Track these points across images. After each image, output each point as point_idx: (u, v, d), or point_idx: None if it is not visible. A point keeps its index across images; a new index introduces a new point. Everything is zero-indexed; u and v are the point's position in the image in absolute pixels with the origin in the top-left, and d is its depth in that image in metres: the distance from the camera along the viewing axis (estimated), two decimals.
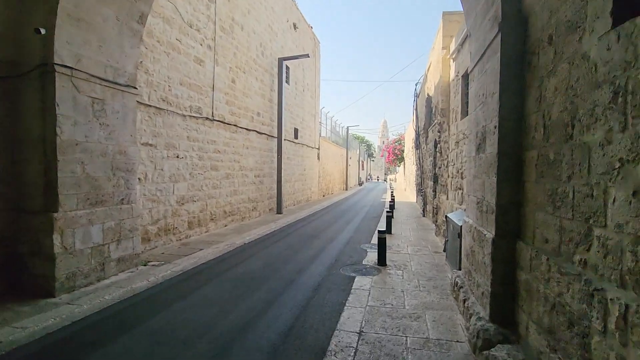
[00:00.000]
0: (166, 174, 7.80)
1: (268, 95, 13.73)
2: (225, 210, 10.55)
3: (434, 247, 7.96)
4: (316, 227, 11.01)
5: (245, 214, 11.90)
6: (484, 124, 3.81)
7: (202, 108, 9.15)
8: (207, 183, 9.46)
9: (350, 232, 10.22)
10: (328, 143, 26.55)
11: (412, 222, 12.03)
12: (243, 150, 11.68)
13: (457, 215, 6.06)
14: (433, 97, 9.88)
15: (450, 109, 7.81)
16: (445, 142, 8.52)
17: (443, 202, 8.51)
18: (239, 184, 11.44)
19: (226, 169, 10.55)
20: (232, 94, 10.83)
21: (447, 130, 8.06)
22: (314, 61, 21.06)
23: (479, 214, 3.95)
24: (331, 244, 8.45)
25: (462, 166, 6.62)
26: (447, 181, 8.12)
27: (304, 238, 9.20)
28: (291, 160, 16.81)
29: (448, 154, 8.10)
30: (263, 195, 13.39)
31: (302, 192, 18.88)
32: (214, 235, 9.23)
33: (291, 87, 16.66)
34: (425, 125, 13.16)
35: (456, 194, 7.06)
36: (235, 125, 11.02)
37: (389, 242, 8.33)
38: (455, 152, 7.23)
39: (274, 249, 7.91)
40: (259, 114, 12.85)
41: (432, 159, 11.54)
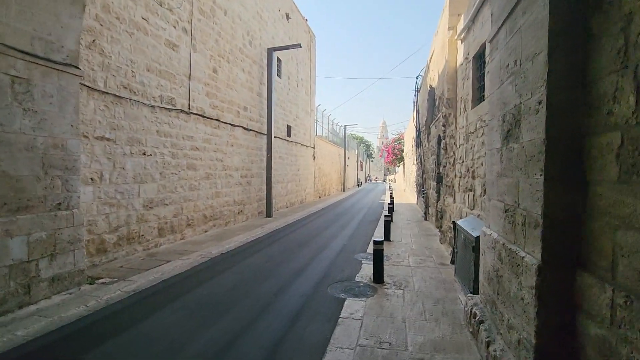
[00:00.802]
0: (129, 173, 6.73)
1: (257, 88, 12.68)
2: (206, 215, 9.49)
3: (439, 256, 6.91)
4: (307, 233, 9.95)
5: (229, 218, 10.83)
6: (516, 102, 2.75)
7: (175, 99, 8.09)
8: (182, 184, 8.40)
9: (344, 238, 9.16)
10: (324, 142, 25.51)
11: (413, 226, 10.97)
12: (227, 148, 10.62)
13: (470, 222, 5.01)
14: (437, 87, 8.84)
15: (458, 98, 6.77)
16: (451, 138, 7.47)
17: (449, 206, 7.46)
18: (223, 185, 10.38)
19: (206, 169, 9.48)
20: (214, 85, 9.77)
21: (454, 124, 7.02)
22: (309, 55, 20.03)
23: (508, 227, 2.89)
24: (321, 253, 7.38)
25: (473, 164, 5.57)
26: (454, 182, 7.08)
27: (291, 246, 8.13)
28: (283, 159, 15.76)
29: (455, 150, 7.05)
30: (251, 197, 12.32)
31: (296, 194, 17.82)
32: (189, 243, 8.16)
33: (283, 81, 15.61)
34: (427, 121, 12.11)
35: (466, 197, 6.00)
36: (217, 120, 9.95)
37: (388, 250, 7.27)
38: (464, 147, 6.19)
39: (254, 260, 6.84)
40: (246, 108, 11.79)
41: (435, 157, 10.49)
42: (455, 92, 6.98)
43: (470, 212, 5.63)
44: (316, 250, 7.65)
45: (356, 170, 47.95)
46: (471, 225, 4.80)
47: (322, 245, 8.17)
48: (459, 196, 6.64)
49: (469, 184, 5.77)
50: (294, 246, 8.11)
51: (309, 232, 10.14)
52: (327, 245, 8.17)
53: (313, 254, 7.28)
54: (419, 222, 11.98)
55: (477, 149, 5.24)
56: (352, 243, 8.48)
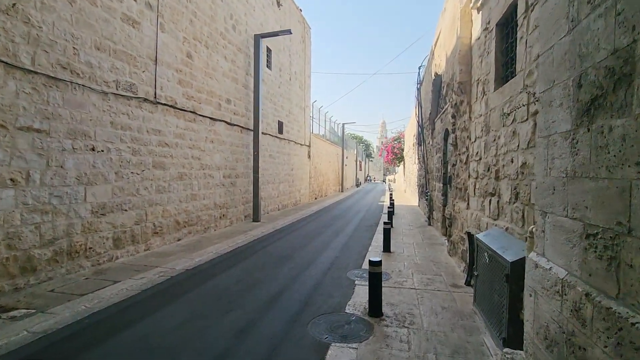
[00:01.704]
0: (70, 173, 5.49)
1: (242, 79, 11.44)
2: (179, 221, 8.25)
3: (450, 274, 5.68)
4: (295, 242, 8.71)
5: (209, 223, 9.60)
6: (619, 44, 1.53)
7: (137, 85, 6.85)
8: (147, 185, 7.16)
9: (336, 248, 7.93)
10: (321, 140, 24.28)
11: (416, 233, 9.74)
12: (206, 145, 9.38)
13: (496, 238, 3.78)
14: (444, 73, 7.62)
15: (473, 81, 5.54)
16: (462, 130, 6.24)
17: (461, 212, 6.23)
18: (200, 186, 9.14)
19: (179, 168, 8.25)
20: (189, 73, 8.53)
21: (467, 113, 5.80)
22: (303, 48, 18.80)
23: (597, 265, 1.66)
24: (307, 270, 6.15)
25: (497, 161, 4.35)
26: (467, 183, 5.85)
27: (273, 259, 6.89)
28: (274, 158, 14.52)
29: (469, 145, 5.82)
30: (236, 199, 11.09)
31: (289, 195, 16.58)
32: (154, 255, 6.92)
33: (274, 74, 14.38)
34: (432, 116, 10.88)
35: (486, 203, 4.77)
36: (193, 113, 8.72)
37: (388, 265, 6.04)
38: (483, 141, 4.96)
39: (222, 279, 5.60)
40: (229, 101, 10.55)
41: (441, 155, 9.26)
42: (469, 73, 5.76)
43: (493, 222, 4.40)
44: (301, 266, 6.41)
45: (355, 170, 46.74)
46: (499, 243, 3.57)
47: (310, 259, 6.93)
48: (474, 201, 5.41)
49: (491, 187, 4.54)
50: (277, 259, 6.87)
51: (297, 240, 8.91)
52: (316, 259, 6.93)
53: (297, 271, 6.04)
54: (422, 227, 10.75)
55: (505, 140, 4.02)
56: (345, 255, 7.23)
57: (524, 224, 3.47)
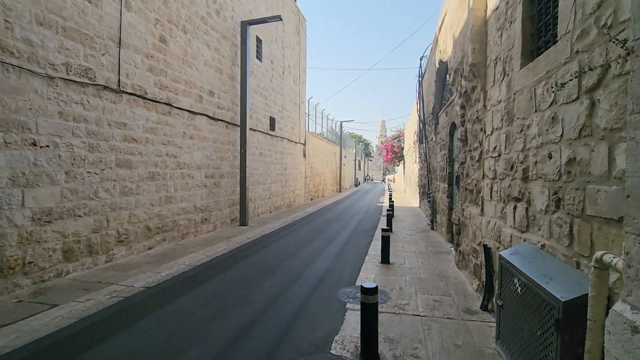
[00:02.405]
0: (1, 172, 4.54)
1: (228, 70, 10.48)
2: (150, 226, 7.29)
3: (461, 293, 4.73)
4: (283, 250, 7.76)
5: (189, 228, 8.64)
6: None
7: (94, 71, 5.89)
8: (108, 187, 6.20)
9: (329, 259, 6.97)
10: (318, 139, 23.32)
11: (418, 238, 8.79)
12: (184, 141, 8.42)
13: (529, 259, 2.82)
14: (450, 58, 6.67)
15: (490, 60, 4.59)
16: (475, 122, 5.29)
17: (472, 218, 5.28)
18: (177, 187, 8.18)
19: (151, 167, 7.29)
20: (162, 59, 7.57)
21: (482, 100, 4.85)
22: (298, 40, 17.83)
23: None
24: (291, 288, 5.19)
25: (525, 157, 3.40)
26: (482, 185, 4.89)
27: (253, 274, 5.94)
28: (266, 156, 13.56)
29: (483, 139, 4.87)
30: (220, 202, 10.13)
31: (282, 196, 15.62)
32: (116, 267, 5.97)
33: (265, 66, 13.41)
34: (435, 109, 9.93)
35: (508, 209, 3.82)
36: (167, 104, 7.75)
37: (386, 280, 5.09)
38: (504, 133, 4.01)
39: (185, 302, 4.64)
40: (212, 93, 9.59)
41: (446, 152, 8.31)
42: (483, 53, 4.82)
43: (520, 235, 3.45)
44: (286, 282, 5.45)
45: (354, 169, 45.79)
46: (537, 268, 2.62)
47: (297, 272, 5.98)
48: (491, 206, 4.46)
49: (516, 190, 3.59)
50: (258, 273, 5.91)
51: (285, 248, 7.95)
52: (304, 273, 5.97)
53: (279, 289, 5.09)
54: (425, 232, 9.80)
55: (539, 130, 3.07)
56: (338, 268, 6.27)
57: (572, 242, 2.53)
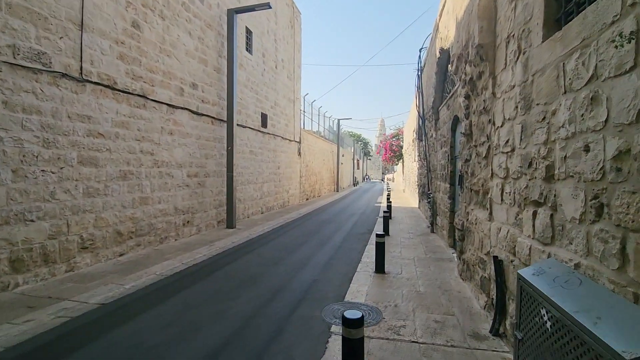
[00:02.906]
0: None
1: (214, 62, 9.78)
2: (121, 231, 6.60)
3: (466, 311, 4.06)
4: (268, 256, 7.07)
5: (168, 232, 7.95)
6: None
7: (49, 55, 5.19)
8: (68, 187, 5.51)
9: (317, 267, 6.29)
10: (314, 137, 22.62)
11: (417, 242, 8.11)
12: (163, 137, 7.73)
13: (562, 284, 2.13)
14: (453, 44, 5.98)
15: (501, 39, 3.91)
16: (482, 113, 4.61)
17: (479, 223, 4.59)
18: (155, 187, 7.50)
19: (122, 165, 6.60)
20: (135, 47, 6.87)
21: (490, 87, 4.17)
22: (292, 34, 17.12)
23: None
24: (271, 304, 4.51)
25: (547, 151, 2.72)
26: (490, 185, 4.21)
27: (229, 286, 5.25)
28: (256, 155, 12.87)
29: (491, 132, 4.19)
30: (205, 202, 9.44)
31: (275, 196, 14.94)
32: (75, 278, 5.28)
33: (256, 59, 12.71)
34: (435, 103, 9.25)
35: (526, 215, 3.14)
36: (142, 97, 7.06)
37: (380, 295, 4.41)
38: (520, 123, 3.33)
39: (143, 324, 3.96)
40: (195, 85, 8.90)
41: (448, 148, 7.63)
42: (492, 32, 4.14)
43: (542, 249, 2.78)
44: (265, 296, 4.77)
45: (352, 169, 45.11)
46: (579, 301, 1.92)
47: (279, 284, 5.29)
48: (502, 211, 3.78)
49: (536, 192, 2.91)
50: (236, 285, 5.23)
51: (271, 253, 7.27)
52: (287, 285, 5.29)
53: (256, 306, 4.41)
54: (424, 235, 9.12)
55: (570, 116, 2.40)
56: (327, 279, 5.59)
57: (625, 264, 1.85)
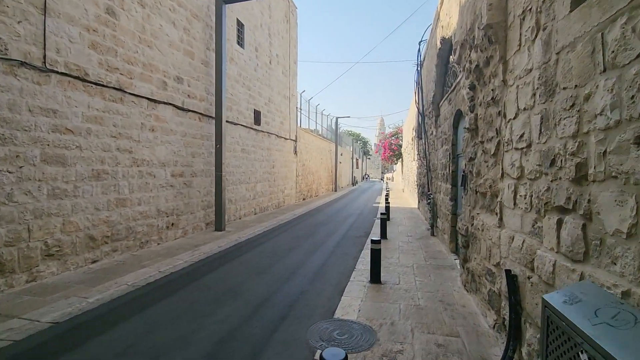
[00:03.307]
0: None
1: (202, 55, 9.24)
2: (94, 235, 6.06)
3: (472, 331, 3.52)
4: (254, 263, 6.53)
5: (150, 235, 7.41)
6: None
7: (4, 41, 4.63)
8: (28, 188, 4.97)
9: (307, 275, 5.76)
10: (311, 135, 22.08)
11: (416, 247, 7.57)
12: (143, 134, 7.19)
13: (609, 320, 1.59)
14: (456, 30, 5.44)
15: (514, 17, 3.36)
16: (490, 105, 4.07)
17: (486, 230, 4.05)
18: (134, 187, 6.96)
19: (95, 163, 6.06)
20: (110, 36, 6.32)
21: (501, 74, 3.63)
22: (287, 28, 16.57)
23: None
24: (248, 323, 3.97)
25: (577, 145, 2.18)
26: (501, 186, 3.67)
27: (206, 299, 4.71)
28: (249, 153, 12.33)
29: (502, 126, 3.65)
30: (192, 204, 8.90)
31: (270, 196, 14.40)
32: (35, 290, 4.74)
33: (248, 53, 12.16)
34: (436, 99, 8.70)
35: (547, 224, 2.60)
36: (119, 90, 6.51)
37: (375, 310, 3.86)
38: (539, 113, 2.79)
39: (91, 353, 3.43)
40: (180, 79, 8.35)
41: (450, 146, 7.08)
42: (503, 9, 3.60)
43: (572, 267, 2.24)
44: (244, 312, 4.23)
45: (351, 168, 44.57)
46: (637, 348, 1.40)
47: (262, 297, 4.75)
48: (515, 217, 3.25)
49: (564, 195, 2.38)
50: (214, 297, 4.69)
51: (259, 259, 6.73)
52: (271, 297, 4.74)
53: (232, 325, 3.86)
54: (424, 239, 8.59)
55: (612, 99, 1.87)
56: (316, 290, 5.05)
57: None
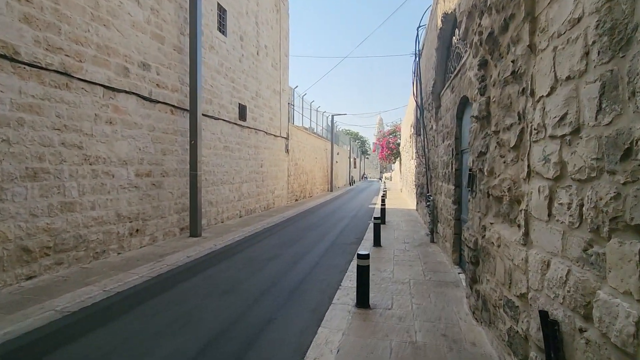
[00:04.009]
0: None
1: (174, 40, 8.26)
2: (30, 247, 5.08)
3: None
4: (222, 278, 5.56)
5: (107, 244, 6.43)
6: None
7: None
8: None
9: (281, 296, 4.79)
10: (305, 133, 21.10)
11: (414, 257, 6.61)
12: (98, 127, 6.21)
13: None
14: (461, 1, 4.50)
15: None
16: (508, 84, 3.11)
17: (507, 247, 3.09)
18: (86, 189, 5.98)
19: (30, 160, 5.08)
20: (51, 9, 5.34)
21: (527, 37, 2.68)
22: (278, 19, 15.59)
23: None
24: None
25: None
26: (527, 190, 2.71)
27: (149, 329, 3.73)
28: (233, 151, 11.35)
29: (528, 108, 2.69)
30: (163, 207, 7.92)
31: (258, 197, 13.43)
32: None
33: (231, 42, 11.17)
34: (436, 88, 7.74)
35: (617, 251, 1.64)
36: (63, 74, 5.54)
37: (358, 349, 2.91)
38: (594, 80, 1.83)
39: None
40: (146, 66, 7.36)
41: (452, 141, 6.12)
42: None
43: None
44: (189, 354, 3.26)
45: (348, 167, 43.62)
46: None
47: (220, 327, 3.77)
48: (550, 232, 2.31)
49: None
50: (158, 329, 3.71)
51: (228, 274, 5.75)
52: (229, 330, 3.76)
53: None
54: (423, 246, 7.63)
55: None
56: (288, 318, 4.06)
57: None
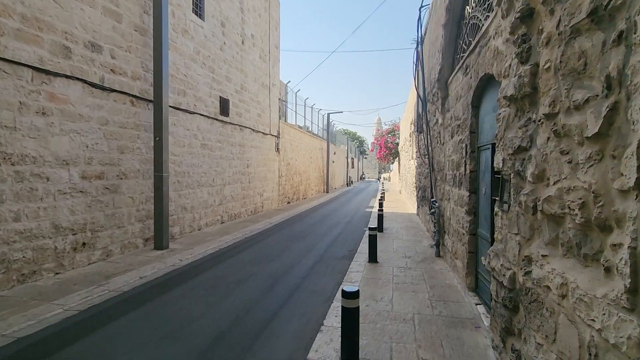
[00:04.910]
0: None
1: (136, 20, 7.05)
2: None
3: None
4: (171, 314, 4.33)
5: (41, 262, 5.21)
6: None
7: None
8: None
9: (240, 347, 3.58)
10: (298, 131, 19.90)
11: (417, 278, 5.41)
12: (26, 118, 5.00)
13: None
14: None
15: None
16: (580, 30, 1.94)
17: (583, 304, 1.90)
18: (7, 196, 4.76)
19: None
20: None
21: None
22: (267, 7, 14.39)
23: None
24: None
25: None
26: (627, 208, 1.52)
27: None
28: (213, 150, 10.14)
29: (637, 65, 1.52)
30: (119, 214, 6.71)
31: (244, 201, 12.21)
32: None
33: (210, 28, 9.96)
34: (443, 74, 6.54)
35: None
36: None
37: None
38: None
39: None
40: (96, 47, 6.15)
41: (467, 135, 4.91)
42: None
43: None
44: None
45: (346, 168, 42.44)
46: None
47: None
48: None
49: None
50: None
51: (184, 305, 4.53)
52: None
53: None
54: (427, 261, 6.43)
55: None
56: None
57: None
